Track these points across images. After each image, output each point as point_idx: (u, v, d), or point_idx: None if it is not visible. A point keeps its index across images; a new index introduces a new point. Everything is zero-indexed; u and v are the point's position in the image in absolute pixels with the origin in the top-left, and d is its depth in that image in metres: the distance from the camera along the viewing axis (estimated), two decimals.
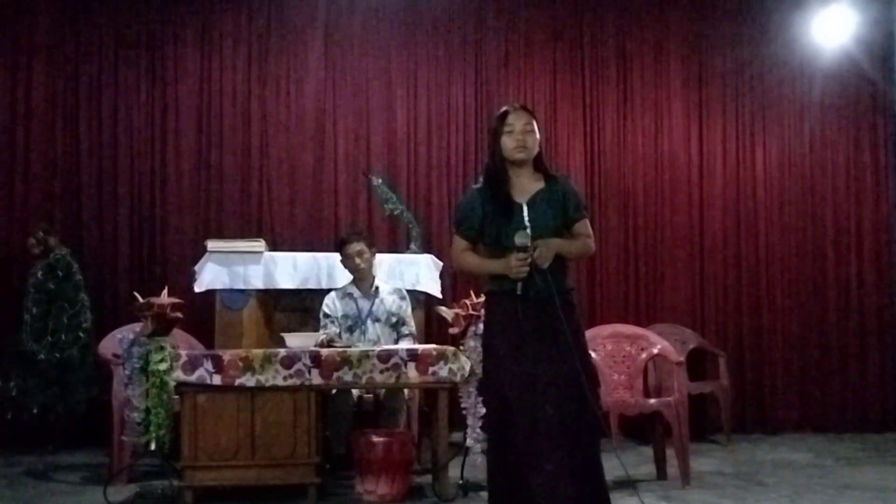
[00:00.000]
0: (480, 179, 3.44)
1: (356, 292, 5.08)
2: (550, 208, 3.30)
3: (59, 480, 5.08)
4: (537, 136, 3.34)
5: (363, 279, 5.06)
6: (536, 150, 3.35)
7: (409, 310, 5.15)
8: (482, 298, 4.36)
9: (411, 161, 6.81)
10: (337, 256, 5.19)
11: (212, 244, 5.49)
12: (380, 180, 6.12)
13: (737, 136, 7.07)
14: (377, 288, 5.09)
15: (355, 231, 5.33)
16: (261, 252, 5.45)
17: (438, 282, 5.70)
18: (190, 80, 6.67)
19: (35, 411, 5.75)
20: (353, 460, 4.49)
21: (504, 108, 3.39)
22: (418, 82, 6.87)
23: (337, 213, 6.69)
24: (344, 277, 5.23)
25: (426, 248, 6.05)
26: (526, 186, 3.32)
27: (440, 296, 5.61)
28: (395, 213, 6.05)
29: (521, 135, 3.30)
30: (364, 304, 5.06)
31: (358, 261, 4.99)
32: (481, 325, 4.29)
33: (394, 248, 6.25)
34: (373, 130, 6.78)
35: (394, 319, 5.07)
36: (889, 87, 7.08)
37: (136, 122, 6.60)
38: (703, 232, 6.98)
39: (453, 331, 4.49)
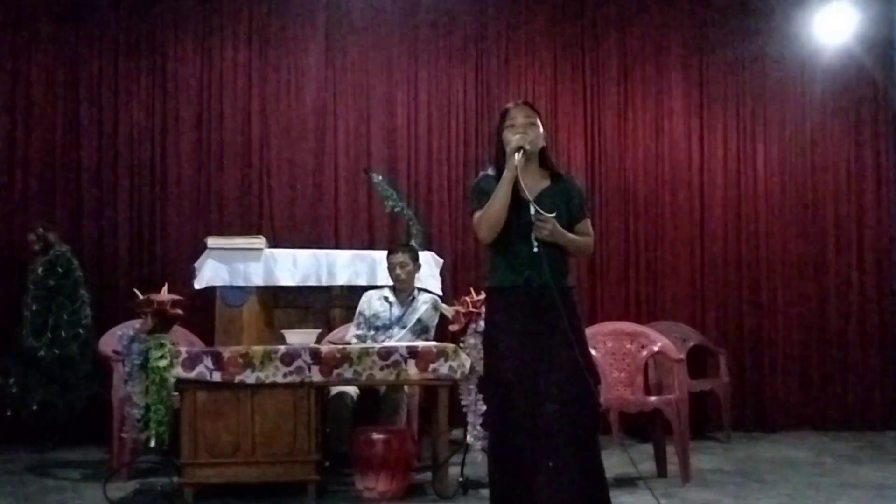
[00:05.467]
0: (490, 169, 3.40)
1: (393, 297, 5.18)
2: (556, 206, 3.27)
3: (58, 477, 5.07)
4: (540, 130, 3.32)
5: (402, 289, 5.18)
6: (540, 143, 3.32)
7: (436, 320, 5.20)
8: (482, 296, 4.39)
9: (411, 158, 6.81)
10: (337, 253, 5.49)
11: (212, 241, 5.49)
12: (380, 177, 6.11)
13: (737, 134, 7.06)
14: (414, 297, 5.18)
15: (402, 244, 5.47)
16: (261, 249, 5.46)
17: (439, 279, 5.71)
18: (190, 76, 6.67)
19: (35, 408, 5.75)
20: (353, 457, 4.49)
21: (506, 105, 3.38)
22: (419, 79, 6.87)
23: (337, 210, 6.69)
24: (343, 276, 5.47)
25: (426, 246, 6.04)
26: (532, 183, 3.28)
27: (440, 293, 5.60)
28: (396, 210, 6.04)
29: (523, 128, 3.27)
30: (397, 311, 5.14)
31: (399, 271, 5.12)
32: (482, 322, 4.30)
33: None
34: (373, 127, 6.78)
35: (419, 327, 5.11)
36: (890, 85, 7.07)
37: (136, 119, 6.60)
38: (703, 229, 6.98)
39: (453, 328, 4.48)
